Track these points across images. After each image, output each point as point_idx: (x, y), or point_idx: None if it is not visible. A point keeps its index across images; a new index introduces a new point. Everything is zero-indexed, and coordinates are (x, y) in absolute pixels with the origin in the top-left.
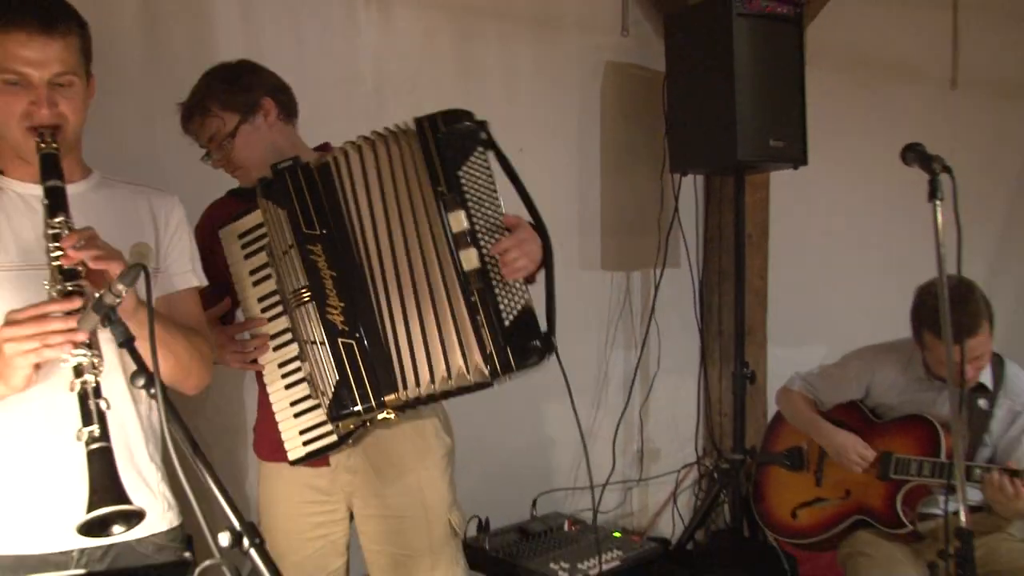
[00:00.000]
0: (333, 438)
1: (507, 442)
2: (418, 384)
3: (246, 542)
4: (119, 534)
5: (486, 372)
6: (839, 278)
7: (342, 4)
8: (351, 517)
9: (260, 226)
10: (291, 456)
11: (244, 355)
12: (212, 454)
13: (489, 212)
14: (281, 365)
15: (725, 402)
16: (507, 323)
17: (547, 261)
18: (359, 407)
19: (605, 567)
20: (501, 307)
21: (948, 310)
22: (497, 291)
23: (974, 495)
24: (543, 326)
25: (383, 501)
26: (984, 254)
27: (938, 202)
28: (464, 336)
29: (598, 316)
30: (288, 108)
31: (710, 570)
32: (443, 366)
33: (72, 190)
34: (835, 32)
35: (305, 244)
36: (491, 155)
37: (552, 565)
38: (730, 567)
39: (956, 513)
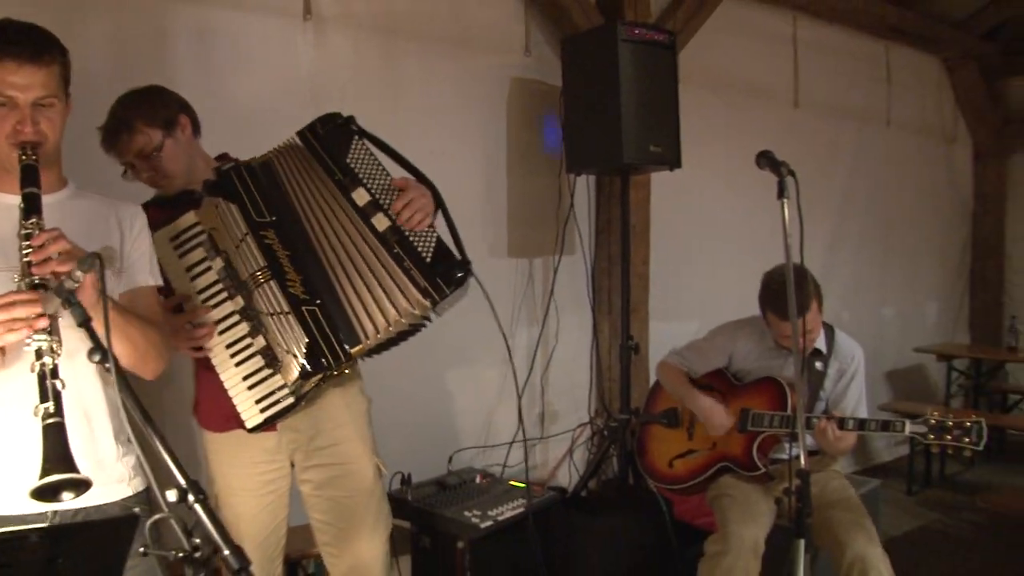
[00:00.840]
0: (290, 400)
1: (427, 408)
2: (377, 331)
3: (191, 497)
4: (67, 500)
5: (427, 303)
6: (709, 263)
7: (282, 26)
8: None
9: (193, 226)
10: (249, 424)
11: (193, 341)
12: (175, 422)
13: (381, 182)
14: (229, 346)
15: (614, 370)
16: (428, 260)
17: (439, 203)
18: (330, 361)
19: (511, 512)
20: (419, 249)
21: (793, 293)
22: (411, 239)
23: (813, 443)
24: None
25: (322, 452)
26: (821, 246)
27: (785, 200)
28: (400, 282)
29: (505, 297)
30: (196, 124)
31: (601, 513)
32: (392, 310)
33: (53, 199)
34: (702, 58)
35: (258, 231)
36: (366, 140)
37: (466, 512)
38: (617, 510)
39: (798, 457)
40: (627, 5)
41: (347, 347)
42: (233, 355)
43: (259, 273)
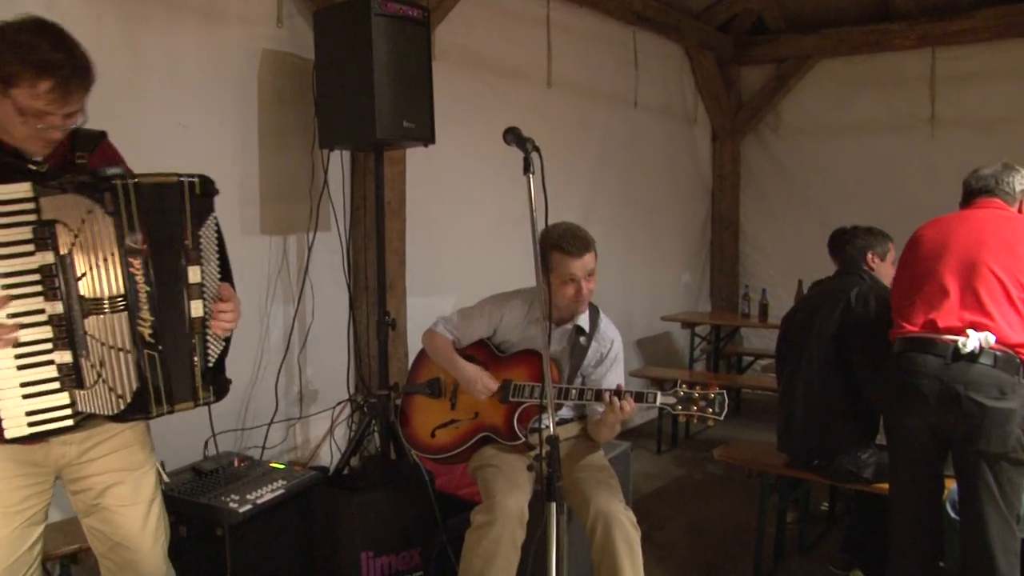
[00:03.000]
0: (68, 423)
1: None
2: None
3: None
4: None
5: (189, 404)
6: (464, 238)
7: None
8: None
9: (27, 200)
10: (9, 434)
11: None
12: None
13: (212, 271)
14: (19, 345)
15: (372, 346)
16: (210, 364)
17: None
18: (153, 412)
19: (272, 495)
20: (209, 352)
21: (539, 261)
22: (208, 338)
23: (566, 412)
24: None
25: (98, 463)
26: (573, 220)
27: (531, 175)
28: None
29: (259, 275)
30: None
31: (363, 489)
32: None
33: None
34: (457, 36)
35: (127, 256)
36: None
37: (223, 498)
38: (380, 485)
39: (558, 424)
40: None
41: (175, 403)
42: (19, 356)
43: (111, 301)
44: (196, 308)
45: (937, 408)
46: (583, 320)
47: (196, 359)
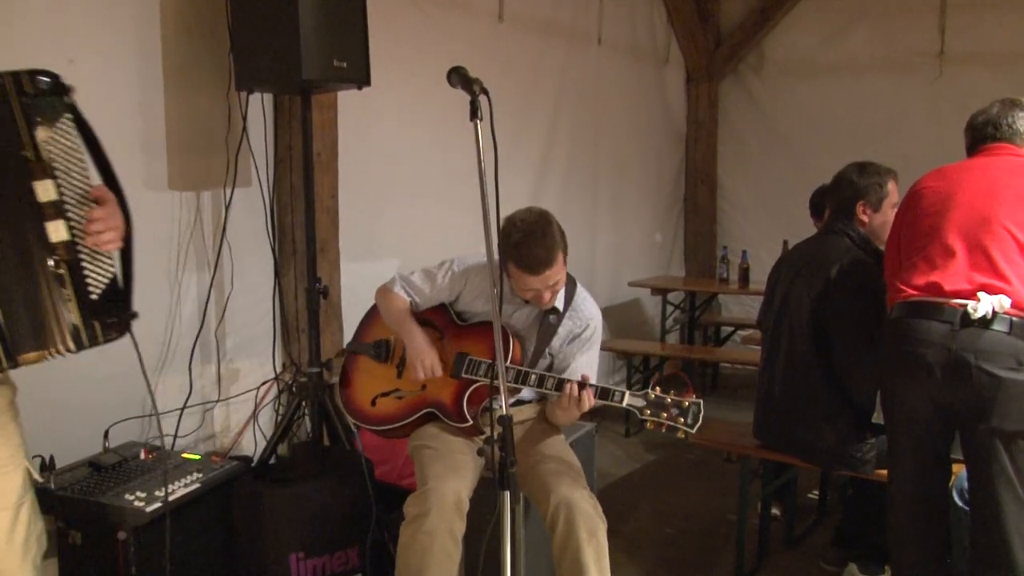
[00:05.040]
0: None
1: (71, 375)
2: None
3: None
4: None
5: (71, 347)
6: (406, 194)
7: None
8: None
9: None
10: None
11: None
12: None
13: (78, 184)
14: None
15: (301, 318)
16: (94, 297)
17: (128, 235)
18: None
19: (185, 490)
20: (89, 281)
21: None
22: (85, 265)
23: (524, 393)
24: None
25: None
26: (531, 173)
27: (479, 121)
28: (55, 307)
29: (167, 238)
30: None
31: (292, 480)
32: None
33: None
34: None
35: None
36: (76, 125)
37: (127, 496)
38: (311, 475)
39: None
40: None
41: (19, 353)
42: None
43: None
44: (57, 231)
45: (943, 381)
46: (557, 297)
47: (67, 291)
